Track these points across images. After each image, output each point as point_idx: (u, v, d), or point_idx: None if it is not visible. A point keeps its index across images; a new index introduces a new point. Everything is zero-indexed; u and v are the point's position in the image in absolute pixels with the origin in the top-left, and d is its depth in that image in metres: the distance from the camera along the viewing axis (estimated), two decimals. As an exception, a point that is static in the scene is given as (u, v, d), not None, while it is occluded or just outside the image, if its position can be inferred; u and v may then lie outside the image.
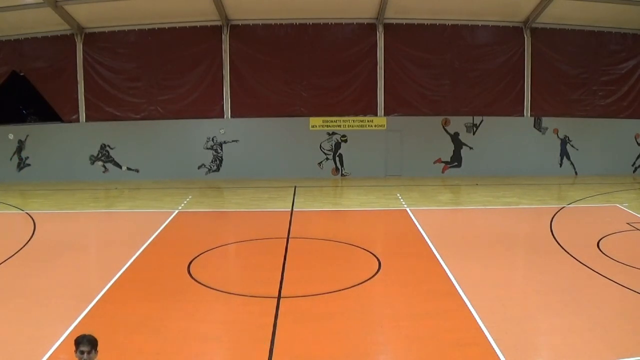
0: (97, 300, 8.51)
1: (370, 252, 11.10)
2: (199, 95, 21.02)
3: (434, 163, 21.57)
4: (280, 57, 20.97)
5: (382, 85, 21.17)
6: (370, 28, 21.01)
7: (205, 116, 21.14)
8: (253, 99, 21.05)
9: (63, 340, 7.09)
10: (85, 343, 4.69)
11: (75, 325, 7.55)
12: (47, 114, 21.00)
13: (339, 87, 21.15)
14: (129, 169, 21.29)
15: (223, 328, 7.77)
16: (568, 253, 10.87)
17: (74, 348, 4.74)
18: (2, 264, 10.44)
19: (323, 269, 10.31)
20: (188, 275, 9.80)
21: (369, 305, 8.53)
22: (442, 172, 21.63)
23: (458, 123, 21.40)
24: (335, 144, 21.40)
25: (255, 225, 14.12)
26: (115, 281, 9.47)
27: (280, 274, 9.85)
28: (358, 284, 9.28)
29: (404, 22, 20.87)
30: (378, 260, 10.57)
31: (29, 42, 20.63)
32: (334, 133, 21.31)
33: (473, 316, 7.78)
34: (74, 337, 4.79)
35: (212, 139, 21.20)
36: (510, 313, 7.96)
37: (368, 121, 21.28)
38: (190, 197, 17.53)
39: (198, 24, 20.59)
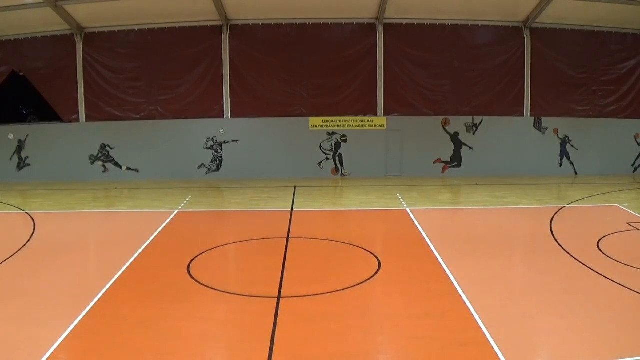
0: (97, 300, 8.50)
1: (370, 252, 11.10)
2: (199, 95, 21.04)
3: (434, 163, 21.58)
4: (280, 57, 20.98)
5: (382, 85, 21.17)
6: (370, 28, 21.02)
7: (205, 116, 21.15)
8: (253, 99, 21.06)
9: (63, 340, 7.09)
10: None
11: (75, 325, 7.55)
12: (47, 114, 21.00)
13: (339, 87, 21.16)
14: (129, 169, 21.30)
15: (223, 328, 7.77)
16: (568, 253, 10.87)
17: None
18: (2, 264, 10.43)
19: (323, 269, 10.30)
20: (188, 275, 9.80)
21: (369, 305, 8.52)
22: (442, 172, 21.63)
23: (458, 123, 21.41)
24: (335, 144, 21.41)
25: (255, 225, 14.12)
26: (115, 281, 9.46)
27: (280, 274, 9.85)
28: (358, 284, 9.28)
29: (404, 22, 20.88)
30: (378, 260, 10.57)
31: (29, 42, 20.64)
32: (334, 133, 21.32)
33: (473, 316, 7.78)
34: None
35: (212, 139, 21.20)
36: (510, 313, 7.96)
37: (368, 121, 21.28)
38: (190, 197, 17.53)
39: (198, 24, 20.60)
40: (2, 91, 20.42)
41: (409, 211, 15.05)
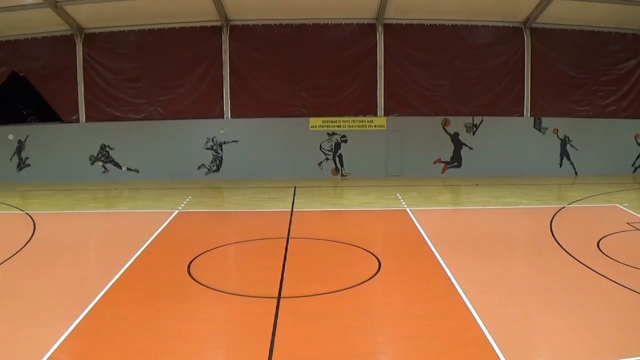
0: (97, 300, 8.50)
1: (370, 252, 11.10)
2: (199, 95, 21.05)
3: (434, 163, 21.58)
4: (280, 57, 20.99)
5: (382, 85, 21.18)
6: (370, 28, 21.02)
7: (205, 116, 21.16)
8: (253, 99, 21.07)
9: (63, 340, 7.09)
10: None
11: (75, 325, 7.55)
12: (47, 114, 21.00)
13: (339, 87, 21.16)
14: (129, 169, 21.30)
15: (223, 328, 7.77)
16: (568, 253, 10.87)
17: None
18: (2, 264, 10.43)
19: (323, 269, 10.31)
20: (188, 275, 9.80)
21: (369, 305, 8.52)
22: (442, 172, 21.63)
23: (458, 123, 21.41)
24: (335, 144, 21.41)
25: (255, 225, 14.12)
26: (115, 281, 9.46)
27: (280, 274, 9.85)
28: (358, 284, 9.27)
29: (404, 22, 20.89)
30: (378, 260, 10.57)
31: (29, 42, 20.65)
32: (333, 133, 21.32)
33: (473, 316, 7.77)
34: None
35: (212, 139, 21.21)
36: (510, 313, 7.96)
37: (368, 121, 21.29)
38: (190, 197, 17.53)
39: (198, 24, 20.62)
40: (2, 91, 20.44)
41: (409, 211, 15.05)
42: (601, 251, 10.98)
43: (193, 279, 9.65)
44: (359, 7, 20.26)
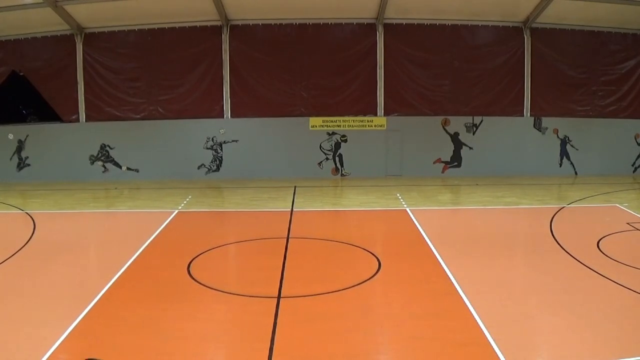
0: (97, 300, 8.51)
1: (370, 252, 11.10)
2: (199, 95, 21.04)
3: (434, 163, 21.58)
4: (280, 57, 20.99)
5: (382, 85, 21.18)
6: (370, 28, 21.02)
7: (205, 116, 21.15)
8: (253, 99, 21.07)
9: (63, 340, 7.09)
10: None
11: (75, 325, 7.55)
12: (47, 114, 21.00)
13: (339, 87, 21.16)
14: (129, 169, 21.30)
15: (223, 328, 7.77)
16: (568, 253, 10.87)
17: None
18: (2, 264, 10.43)
19: (323, 269, 10.30)
20: (188, 275, 9.80)
21: (369, 305, 8.52)
22: (442, 172, 21.63)
23: (458, 123, 21.41)
24: (335, 144, 21.40)
25: (255, 225, 14.12)
26: (115, 281, 9.46)
27: (280, 274, 9.85)
28: (358, 284, 9.27)
29: (404, 22, 20.89)
30: (378, 260, 10.57)
31: (29, 42, 20.65)
32: (333, 133, 21.32)
33: (473, 316, 7.77)
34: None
35: (212, 139, 21.21)
36: (510, 313, 7.96)
37: (368, 121, 21.28)
38: (190, 197, 17.53)
39: (198, 24, 20.61)
40: (2, 91, 20.43)
41: (409, 211, 15.05)
42: (601, 251, 10.98)
43: (193, 278, 9.65)
44: (359, 7, 20.25)
